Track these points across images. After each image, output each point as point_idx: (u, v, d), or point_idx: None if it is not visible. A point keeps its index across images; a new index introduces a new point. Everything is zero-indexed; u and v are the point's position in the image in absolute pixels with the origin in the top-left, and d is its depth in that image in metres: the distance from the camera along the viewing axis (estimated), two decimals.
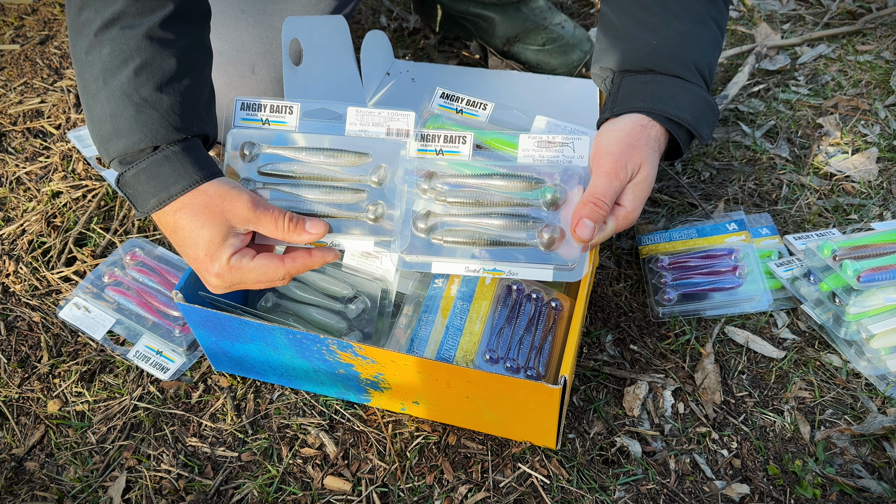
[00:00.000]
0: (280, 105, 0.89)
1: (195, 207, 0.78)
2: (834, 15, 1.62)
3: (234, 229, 0.79)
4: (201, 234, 0.78)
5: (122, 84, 0.77)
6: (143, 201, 0.79)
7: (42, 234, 1.22)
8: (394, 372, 0.87)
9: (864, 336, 0.98)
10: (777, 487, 0.89)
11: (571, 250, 0.84)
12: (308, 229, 0.81)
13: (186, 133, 0.79)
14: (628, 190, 0.83)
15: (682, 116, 0.85)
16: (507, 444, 0.94)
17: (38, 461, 0.96)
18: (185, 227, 0.78)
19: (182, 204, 0.78)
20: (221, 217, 0.78)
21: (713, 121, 0.89)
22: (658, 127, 0.85)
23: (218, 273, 0.80)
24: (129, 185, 0.79)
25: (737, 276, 1.08)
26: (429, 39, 1.61)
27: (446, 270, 0.86)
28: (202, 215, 0.78)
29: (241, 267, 0.79)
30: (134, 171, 0.78)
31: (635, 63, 0.89)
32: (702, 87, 0.88)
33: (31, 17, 1.67)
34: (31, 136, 1.40)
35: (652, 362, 1.03)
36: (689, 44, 0.89)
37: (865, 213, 1.19)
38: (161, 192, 0.78)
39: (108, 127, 0.78)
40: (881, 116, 1.36)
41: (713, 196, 1.25)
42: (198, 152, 0.81)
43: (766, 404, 0.98)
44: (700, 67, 0.88)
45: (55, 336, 1.09)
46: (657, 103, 0.85)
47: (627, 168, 0.82)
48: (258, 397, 1.00)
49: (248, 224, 0.79)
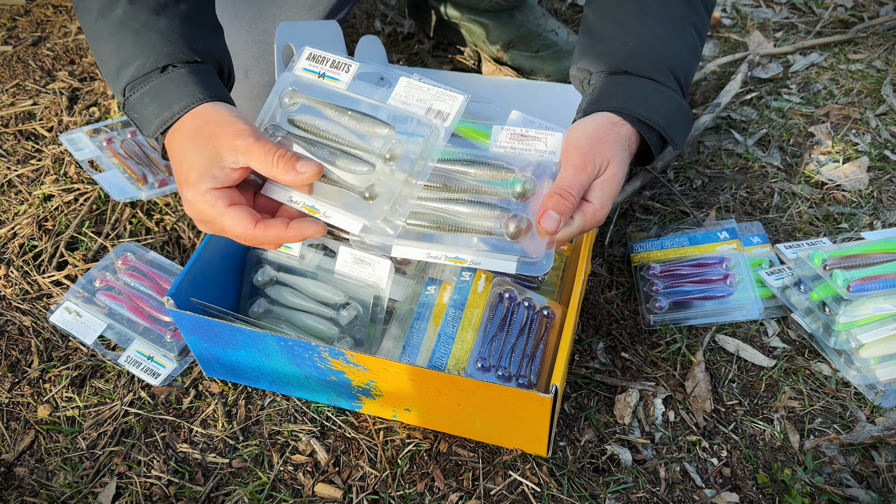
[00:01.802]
0: (340, 62, 0.85)
1: (189, 129, 0.76)
2: (826, 24, 1.63)
3: (221, 160, 0.75)
4: (185, 156, 0.76)
5: (119, 16, 0.78)
6: (148, 124, 0.78)
7: (33, 238, 1.21)
8: (385, 379, 0.87)
9: (854, 345, 0.99)
10: (766, 496, 0.90)
11: (537, 245, 0.81)
12: (298, 168, 0.75)
13: (192, 54, 0.78)
14: (596, 186, 0.81)
15: (653, 118, 0.84)
16: (498, 452, 0.94)
17: (28, 466, 0.95)
18: (177, 149, 0.77)
19: (180, 124, 0.77)
20: (210, 143, 0.75)
21: (687, 126, 0.89)
22: (628, 127, 0.84)
23: (189, 200, 0.76)
24: (133, 108, 0.78)
25: (728, 285, 1.09)
26: (423, 44, 1.61)
27: (407, 255, 0.83)
28: (192, 137, 0.76)
29: (213, 205, 0.76)
30: (139, 94, 0.78)
31: (611, 64, 0.89)
32: (676, 92, 0.87)
33: (23, 18, 1.66)
34: (23, 138, 1.39)
35: (643, 370, 1.03)
36: (666, 47, 0.88)
37: (856, 222, 1.20)
38: (164, 112, 0.77)
39: (114, 61, 0.78)
40: (872, 125, 1.37)
41: (705, 204, 1.26)
42: (206, 76, 0.79)
43: (755, 413, 0.98)
44: (675, 72, 0.88)
45: (46, 340, 1.09)
46: (628, 103, 0.84)
47: (595, 162, 0.80)
48: (249, 403, 1.00)
49: (236, 154, 0.75)
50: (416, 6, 1.59)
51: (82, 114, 1.43)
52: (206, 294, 0.95)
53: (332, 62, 0.85)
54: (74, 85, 1.49)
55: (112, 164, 1.31)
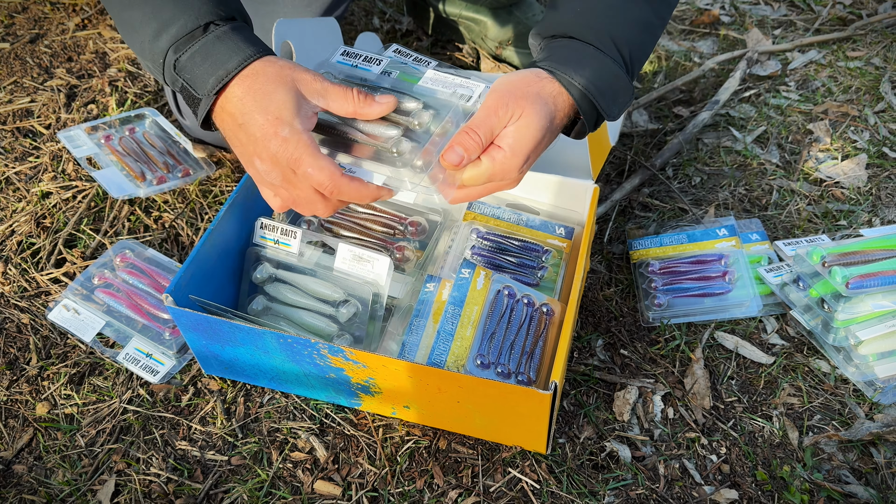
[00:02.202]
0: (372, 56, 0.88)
1: (266, 75, 0.75)
2: (825, 21, 1.63)
3: (306, 102, 0.75)
4: (274, 97, 0.74)
5: None
6: (203, 83, 0.76)
7: (31, 235, 1.21)
8: (385, 376, 0.87)
9: (853, 342, 0.99)
10: (765, 493, 0.90)
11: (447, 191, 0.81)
12: (378, 100, 0.77)
13: (229, 11, 0.78)
14: (508, 133, 0.78)
15: (582, 82, 0.81)
16: (497, 449, 0.94)
17: (27, 464, 0.95)
18: (250, 99, 0.75)
19: (251, 71, 0.76)
20: (292, 84, 0.75)
21: (623, 100, 0.85)
22: (557, 85, 0.81)
23: (286, 138, 0.74)
24: (185, 69, 0.77)
25: (727, 282, 1.09)
26: (421, 41, 1.61)
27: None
28: (273, 81, 0.75)
29: (308, 145, 0.74)
30: (188, 54, 0.76)
31: (557, 28, 0.87)
32: (617, 63, 0.84)
33: (21, 15, 1.66)
34: (21, 135, 1.39)
35: (642, 367, 1.03)
36: (612, 16, 0.85)
37: (854, 220, 1.20)
38: (219, 69, 0.76)
39: (153, 26, 0.77)
40: (871, 123, 1.37)
41: (703, 201, 1.26)
42: (247, 32, 0.79)
43: (754, 410, 0.98)
44: (618, 42, 0.85)
45: (44, 338, 1.08)
46: (560, 63, 0.82)
47: (509, 107, 0.78)
48: (248, 401, 1.00)
49: (317, 96, 0.76)
50: (414, 3, 1.59)
51: (80, 111, 1.43)
52: (205, 291, 0.95)
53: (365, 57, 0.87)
54: (72, 82, 1.49)
55: (110, 162, 1.31)
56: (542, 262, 1.03)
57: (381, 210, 1.09)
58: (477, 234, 1.05)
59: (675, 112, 1.45)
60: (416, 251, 1.05)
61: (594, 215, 1.01)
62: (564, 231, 1.07)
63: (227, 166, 1.31)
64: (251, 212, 1.04)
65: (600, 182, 1.30)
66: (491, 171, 0.79)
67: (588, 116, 0.84)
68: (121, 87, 1.47)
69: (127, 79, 1.50)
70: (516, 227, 1.07)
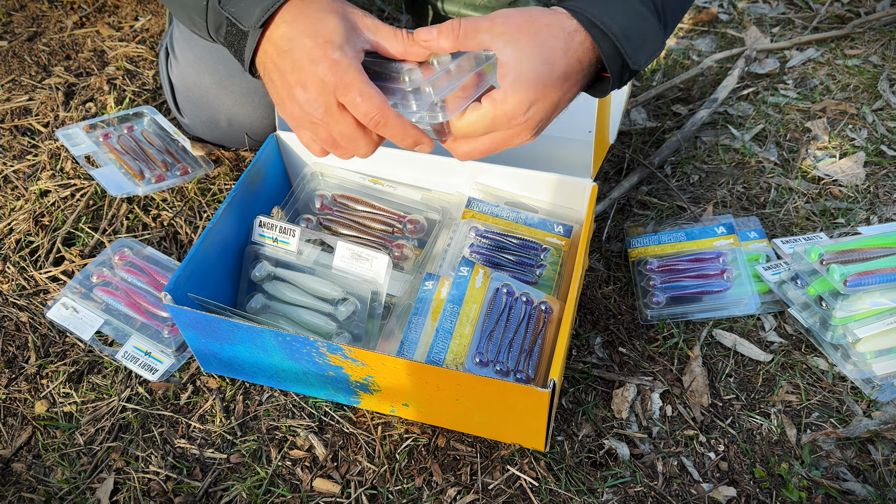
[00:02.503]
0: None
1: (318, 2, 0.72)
2: (823, 19, 1.63)
3: (356, 32, 0.72)
4: (326, 21, 0.71)
5: None
6: (249, 14, 0.73)
7: (30, 234, 1.21)
8: (383, 374, 0.87)
9: (851, 340, 0.99)
10: (763, 490, 0.90)
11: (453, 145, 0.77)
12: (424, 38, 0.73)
13: None
14: (508, 69, 0.72)
15: (605, 22, 0.72)
16: (496, 447, 0.94)
17: (26, 462, 0.95)
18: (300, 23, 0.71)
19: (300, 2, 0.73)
20: (344, 13, 0.72)
21: (651, 48, 0.77)
22: (573, 22, 0.73)
23: (336, 60, 0.69)
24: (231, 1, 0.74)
25: (725, 280, 1.09)
26: None
27: None
28: (324, 9, 0.72)
29: (359, 71, 0.69)
30: None
31: None
32: (646, 4, 0.76)
33: (19, 13, 1.65)
34: (19, 133, 1.39)
35: (640, 365, 1.03)
36: None
37: (852, 217, 1.20)
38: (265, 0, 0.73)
39: None
40: (869, 121, 1.37)
41: (702, 199, 1.26)
42: None
43: (752, 407, 0.98)
44: None
45: (43, 336, 1.08)
46: (581, 2, 0.74)
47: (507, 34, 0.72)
48: (247, 399, 1.00)
49: (368, 30, 0.73)
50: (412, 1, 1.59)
51: (78, 109, 1.43)
52: (204, 289, 0.95)
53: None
54: (70, 80, 1.49)
55: (108, 160, 1.30)
56: (541, 261, 1.03)
57: (379, 208, 1.09)
58: (475, 232, 1.05)
59: (674, 110, 1.45)
60: (415, 249, 1.05)
61: (593, 213, 1.01)
62: (563, 229, 1.07)
63: (225, 164, 1.31)
64: (250, 210, 1.05)
65: (599, 180, 1.30)
66: (493, 114, 0.72)
67: (611, 62, 0.74)
68: (119, 85, 1.47)
69: (125, 77, 1.49)
70: (515, 226, 1.07)
